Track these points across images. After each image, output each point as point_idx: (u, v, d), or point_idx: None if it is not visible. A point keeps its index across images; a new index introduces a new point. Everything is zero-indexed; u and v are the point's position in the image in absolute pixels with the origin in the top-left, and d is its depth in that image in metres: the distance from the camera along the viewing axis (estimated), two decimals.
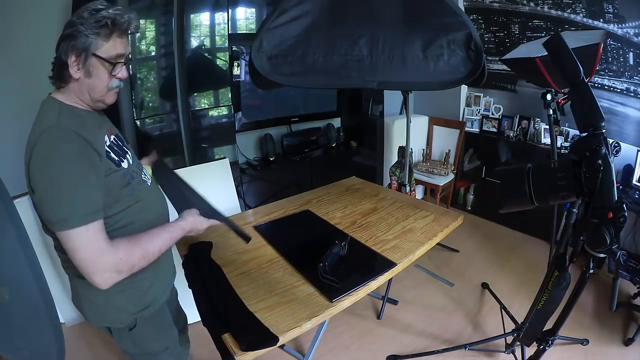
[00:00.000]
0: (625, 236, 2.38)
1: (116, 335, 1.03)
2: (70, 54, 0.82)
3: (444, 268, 2.58)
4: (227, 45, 2.32)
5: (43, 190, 0.77)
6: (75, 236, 0.77)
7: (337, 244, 1.31)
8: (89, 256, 0.78)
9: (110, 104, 0.93)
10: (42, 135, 0.78)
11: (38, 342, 0.95)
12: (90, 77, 0.85)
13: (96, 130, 0.88)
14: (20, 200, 1.77)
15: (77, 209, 0.77)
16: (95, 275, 0.79)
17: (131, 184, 0.93)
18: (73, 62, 0.83)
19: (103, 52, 0.84)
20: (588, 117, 0.95)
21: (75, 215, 0.77)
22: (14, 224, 0.88)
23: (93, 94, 0.88)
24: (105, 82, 0.88)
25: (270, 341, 0.94)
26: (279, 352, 1.82)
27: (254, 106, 2.77)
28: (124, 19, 0.85)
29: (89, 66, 0.84)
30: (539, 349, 1.26)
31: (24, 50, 1.90)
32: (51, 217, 0.78)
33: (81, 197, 0.78)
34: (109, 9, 0.83)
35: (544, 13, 2.71)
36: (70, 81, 0.86)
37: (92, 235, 0.79)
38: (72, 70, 0.84)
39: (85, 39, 0.81)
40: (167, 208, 1.10)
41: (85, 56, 0.83)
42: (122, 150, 0.96)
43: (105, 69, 0.86)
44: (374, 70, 1.48)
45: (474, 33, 1.46)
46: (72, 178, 0.77)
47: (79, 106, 0.89)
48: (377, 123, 3.20)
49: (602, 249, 0.88)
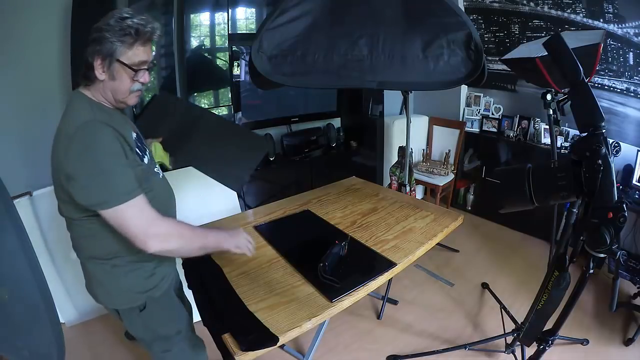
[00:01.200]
0: (625, 236, 2.39)
1: (127, 319, 1.08)
2: (96, 57, 0.89)
3: (444, 268, 2.58)
4: (227, 45, 2.32)
5: (86, 175, 0.84)
6: (126, 209, 0.86)
7: (337, 244, 1.31)
8: (141, 223, 0.87)
9: (132, 105, 1.01)
10: (81, 127, 0.85)
11: (38, 342, 0.95)
12: (114, 80, 0.92)
13: (124, 125, 0.96)
14: (20, 200, 1.77)
15: (123, 186, 0.86)
16: (147, 238, 0.87)
17: (147, 177, 1.01)
18: (98, 65, 0.90)
19: (126, 59, 0.90)
20: (588, 117, 0.95)
21: (122, 191, 0.86)
22: (14, 224, 0.88)
23: (116, 95, 0.95)
24: (128, 85, 0.94)
25: (270, 341, 0.94)
26: (279, 352, 1.82)
27: (254, 106, 2.77)
28: (147, 28, 0.91)
29: (113, 70, 0.91)
30: (539, 349, 1.26)
31: (23, 50, 1.90)
32: (98, 198, 0.85)
33: (124, 177, 0.87)
34: (134, 17, 0.90)
35: (544, 13, 2.71)
36: (96, 81, 0.93)
37: (141, 206, 0.88)
38: (98, 73, 0.90)
39: (110, 45, 0.88)
40: (174, 198, 1.17)
41: (109, 61, 0.89)
42: (143, 146, 1.04)
43: (127, 74, 0.92)
44: (374, 70, 1.48)
45: (474, 33, 1.46)
46: (113, 162, 0.86)
47: (105, 104, 0.96)
48: (377, 123, 3.20)
49: (602, 249, 0.88)
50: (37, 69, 1.97)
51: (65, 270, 1.93)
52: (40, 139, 2.02)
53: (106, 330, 1.95)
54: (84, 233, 0.97)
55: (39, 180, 1.80)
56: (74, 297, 1.99)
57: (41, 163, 1.93)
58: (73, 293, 1.97)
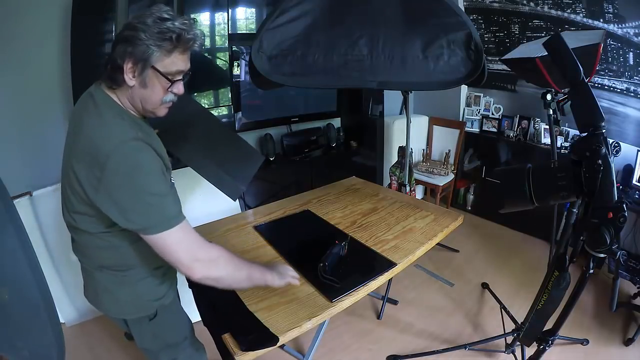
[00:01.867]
0: (625, 236, 2.39)
1: (135, 329, 1.04)
2: (128, 60, 0.78)
3: (444, 268, 2.58)
4: (227, 45, 2.32)
5: (132, 200, 0.78)
6: (173, 234, 0.81)
7: (337, 244, 1.31)
8: (187, 248, 0.83)
9: (161, 117, 0.90)
10: (119, 145, 0.76)
11: (38, 342, 0.95)
12: (145, 88, 0.82)
13: (157, 139, 0.92)
14: (20, 200, 1.77)
15: (167, 211, 0.81)
16: (195, 263, 0.83)
17: None
18: (129, 69, 0.79)
19: (162, 67, 0.80)
20: (588, 117, 0.95)
21: (167, 217, 0.80)
22: (14, 224, 0.88)
23: (145, 104, 0.85)
24: (160, 95, 0.84)
25: (270, 341, 0.94)
26: (279, 352, 1.82)
27: (254, 106, 2.76)
28: (190, 35, 0.80)
29: (145, 77, 0.80)
30: (539, 349, 1.26)
31: (24, 50, 1.89)
32: (143, 224, 0.79)
33: (167, 200, 0.82)
34: (176, 20, 0.78)
35: (544, 13, 2.71)
36: (123, 86, 0.83)
37: (186, 230, 0.84)
38: (127, 77, 0.80)
39: (145, 49, 0.77)
40: None
41: (142, 66, 0.79)
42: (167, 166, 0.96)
43: (161, 83, 0.82)
44: (374, 70, 1.48)
45: (474, 33, 1.46)
46: (156, 185, 0.80)
47: (132, 111, 0.88)
48: (377, 123, 3.20)
49: (602, 249, 0.88)
50: (37, 69, 1.96)
51: (65, 270, 1.93)
52: (40, 139, 2.03)
53: (106, 330, 1.95)
54: (100, 244, 0.90)
55: (39, 180, 1.81)
56: (74, 297, 1.99)
57: (41, 163, 1.94)
58: (73, 293, 1.98)
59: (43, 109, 2.02)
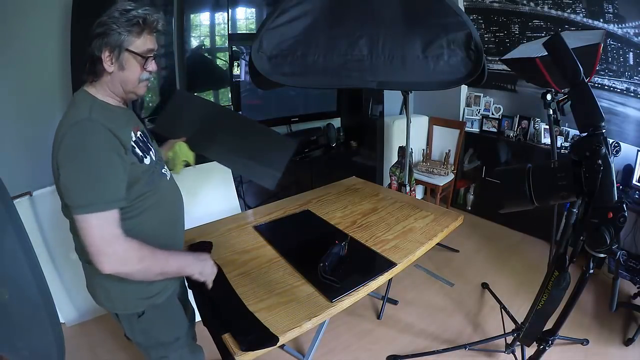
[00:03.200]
0: (625, 236, 2.38)
1: (126, 324, 1.05)
2: (104, 49, 0.88)
3: (444, 268, 2.57)
4: (227, 45, 2.32)
5: (71, 176, 0.83)
6: (94, 219, 0.82)
7: (337, 244, 1.31)
8: (101, 238, 0.83)
9: (141, 95, 1.00)
10: (73, 126, 0.83)
11: (38, 342, 0.95)
12: (124, 70, 0.91)
13: (124, 125, 0.94)
14: (20, 200, 1.77)
15: (101, 195, 0.83)
16: (102, 257, 0.83)
17: (151, 179, 0.98)
18: (107, 57, 0.89)
19: (135, 48, 0.90)
20: (588, 117, 0.95)
21: (98, 201, 0.82)
22: (14, 224, 0.88)
23: (126, 86, 0.94)
24: (137, 74, 0.94)
25: (270, 341, 0.94)
26: (279, 352, 1.82)
27: (254, 106, 2.77)
28: (153, 17, 0.91)
29: (122, 60, 0.90)
30: (539, 349, 1.26)
31: (24, 50, 1.90)
32: (75, 201, 0.82)
33: (105, 185, 0.84)
34: (138, 9, 0.90)
35: (544, 13, 2.71)
36: (103, 75, 0.91)
37: (110, 221, 0.84)
38: (106, 65, 0.89)
39: (118, 36, 0.87)
40: (181, 202, 1.14)
41: (118, 51, 0.89)
42: (147, 146, 1.00)
43: (137, 62, 0.92)
44: (374, 70, 1.48)
45: (474, 33, 1.46)
46: (99, 167, 0.83)
47: (110, 101, 0.95)
48: (377, 123, 3.20)
49: (602, 249, 0.88)
50: (37, 69, 1.96)
51: (65, 270, 1.93)
52: (40, 139, 2.02)
53: (106, 330, 1.95)
54: None
55: (39, 180, 1.80)
56: (74, 297, 1.99)
57: (41, 163, 1.93)
58: (73, 293, 1.98)
59: (43, 109, 2.01)
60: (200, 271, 1.03)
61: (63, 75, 1.99)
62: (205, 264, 1.04)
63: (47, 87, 2.01)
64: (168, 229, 1.06)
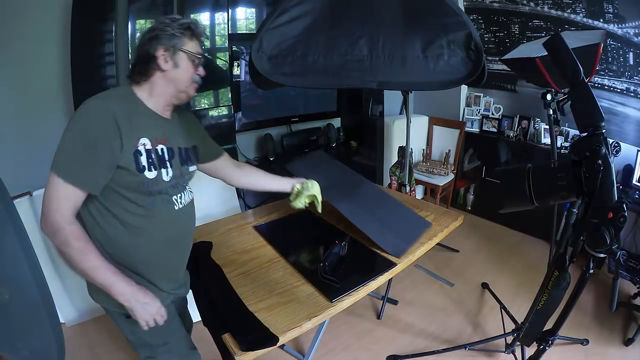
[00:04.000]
0: (625, 236, 2.38)
1: (115, 320, 1.05)
2: (159, 47, 0.93)
3: (444, 268, 2.57)
4: (227, 45, 2.32)
5: (62, 138, 0.86)
6: (55, 182, 0.85)
7: (337, 244, 1.31)
8: (51, 203, 0.85)
9: (192, 96, 1.04)
10: (89, 101, 0.88)
11: (38, 342, 0.95)
12: (178, 68, 0.96)
13: (141, 127, 0.93)
14: (20, 200, 1.77)
15: (74, 167, 0.85)
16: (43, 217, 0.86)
17: (152, 196, 0.96)
18: (162, 55, 0.94)
19: (188, 49, 0.97)
20: (588, 117, 0.95)
21: (69, 169, 0.85)
22: (14, 224, 0.88)
23: (179, 85, 0.98)
24: (190, 73, 0.99)
25: (270, 341, 0.94)
26: (279, 352, 1.82)
27: (254, 106, 2.76)
28: (199, 26, 1.00)
29: (176, 59, 0.95)
30: (539, 349, 1.26)
31: (24, 50, 1.90)
32: (54, 158, 0.86)
33: (83, 163, 0.86)
34: (185, 18, 0.99)
35: (544, 13, 2.71)
36: (155, 74, 0.96)
37: (66, 194, 0.85)
38: (161, 62, 0.94)
39: (172, 37, 0.94)
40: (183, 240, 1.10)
41: (173, 50, 0.95)
42: (161, 162, 0.97)
43: (190, 62, 0.98)
44: (374, 70, 1.48)
45: (474, 33, 1.45)
46: (87, 144, 0.85)
47: (150, 104, 0.98)
48: (377, 123, 3.20)
49: (602, 249, 0.88)
50: (37, 69, 1.96)
51: (65, 270, 1.93)
52: (40, 139, 2.02)
53: (106, 331, 1.95)
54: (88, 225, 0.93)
55: (39, 180, 1.80)
56: (74, 297, 1.99)
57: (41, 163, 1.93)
58: (73, 293, 1.98)
59: (43, 109, 2.02)
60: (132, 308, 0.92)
61: (63, 75, 1.99)
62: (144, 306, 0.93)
63: (47, 87, 2.01)
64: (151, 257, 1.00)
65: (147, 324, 0.95)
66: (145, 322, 0.94)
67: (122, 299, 0.91)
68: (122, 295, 0.90)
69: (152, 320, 0.95)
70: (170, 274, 1.09)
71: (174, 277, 1.10)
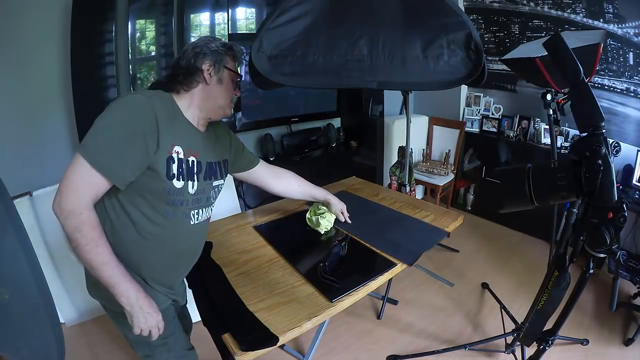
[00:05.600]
0: (625, 236, 2.38)
1: (111, 317, 1.05)
2: (206, 61, 0.96)
3: (444, 268, 2.58)
4: None
5: (96, 123, 0.84)
6: (80, 164, 0.82)
7: (337, 244, 1.31)
8: (71, 184, 0.83)
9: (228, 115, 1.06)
10: (131, 94, 0.91)
11: (38, 342, 0.95)
12: (220, 84, 1.00)
13: (178, 136, 0.93)
14: (20, 200, 1.77)
15: (106, 154, 0.83)
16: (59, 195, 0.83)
17: (173, 206, 0.95)
18: (207, 69, 0.97)
19: (231, 67, 1.01)
20: (588, 117, 0.95)
21: (99, 154, 0.83)
22: (14, 224, 0.88)
23: (217, 100, 1.01)
24: (231, 91, 1.03)
25: (270, 341, 0.94)
26: (279, 352, 1.82)
27: (254, 106, 2.77)
28: (240, 49, 1.04)
29: (221, 75, 0.99)
30: (539, 349, 1.26)
31: (24, 50, 1.90)
32: (84, 140, 0.84)
33: (116, 152, 0.84)
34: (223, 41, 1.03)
35: (544, 13, 2.71)
36: (197, 87, 0.98)
37: (89, 179, 0.83)
38: (206, 75, 0.97)
39: (218, 53, 0.98)
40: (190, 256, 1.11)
41: (218, 66, 0.98)
42: (190, 174, 0.97)
43: (231, 81, 1.02)
44: (374, 70, 1.48)
45: (474, 33, 1.45)
46: (124, 135, 0.83)
47: (186, 114, 0.99)
48: (377, 123, 3.20)
49: (602, 249, 0.88)
50: (37, 70, 1.97)
51: (65, 270, 1.93)
52: (40, 139, 2.03)
53: (106, 330, 1.95)
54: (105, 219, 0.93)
55: (39, 180, 1.81)
56: (74, 297, 1.99)
57: (41, 163, 1.94)
58: (73, 293, 1.98)
59: (43, 109, 2.02)
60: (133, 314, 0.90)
61: (63, 75, 1.99)
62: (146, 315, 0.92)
63: (47, 87, 2.01)
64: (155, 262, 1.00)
65: (142, 332, 0.93)
66: (141, 330, 0.93)
67: (123, 301, 0.88)
68: (126, 298, 0.88)
69: (147, 331, 0.94)
70: (171, 282, 1.09)
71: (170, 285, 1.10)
